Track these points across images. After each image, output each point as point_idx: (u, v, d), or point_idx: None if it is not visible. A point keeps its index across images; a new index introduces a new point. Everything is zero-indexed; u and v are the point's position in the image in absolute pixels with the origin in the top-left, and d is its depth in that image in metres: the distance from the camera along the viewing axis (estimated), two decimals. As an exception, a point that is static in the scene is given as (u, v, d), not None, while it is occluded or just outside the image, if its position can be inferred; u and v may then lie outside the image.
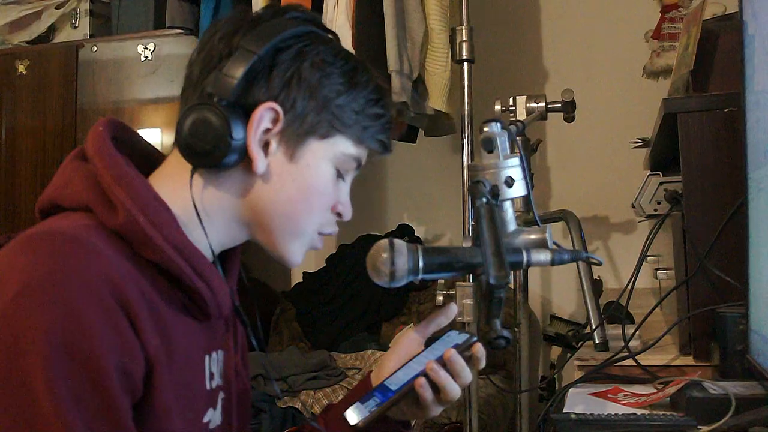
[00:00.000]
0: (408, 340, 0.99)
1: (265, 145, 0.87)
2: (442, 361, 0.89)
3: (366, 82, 0.91)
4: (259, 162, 0.85)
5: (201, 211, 0.86)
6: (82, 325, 0.71)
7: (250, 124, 0.84)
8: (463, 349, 0.90)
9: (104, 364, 0.71)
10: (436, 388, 0.89)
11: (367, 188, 2.99)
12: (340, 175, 0.92)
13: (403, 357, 0.96)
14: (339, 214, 0.94)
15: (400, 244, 0.85)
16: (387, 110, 0.93)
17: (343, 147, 0.90)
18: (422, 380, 0.88)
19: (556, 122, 1.93)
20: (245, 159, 0.85)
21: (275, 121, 0.86)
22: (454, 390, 0.89)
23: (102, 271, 0.73)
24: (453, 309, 0.98)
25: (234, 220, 0.89)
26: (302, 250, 0.92)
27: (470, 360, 0.90)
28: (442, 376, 0.88)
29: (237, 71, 0.82)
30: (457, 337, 0.93)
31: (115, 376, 0.72)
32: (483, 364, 0.92)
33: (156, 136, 2.61)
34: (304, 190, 0.88)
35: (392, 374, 0.92)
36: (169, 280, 0.81)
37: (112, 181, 0.80)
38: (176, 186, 0.86)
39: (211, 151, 0.82)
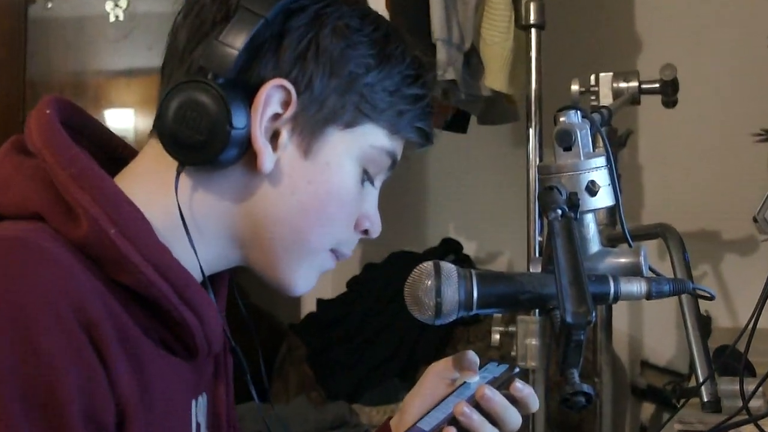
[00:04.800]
0: (436, 375, 0.99)
1: (274, 136, 0.87)
2: (476, 401, 0.89)
3: (401, 53, 0.91)
4: (266, 158, 0.86)
5: (189, 222, 0.86)
6: (43, 362, 0.71)
7: (254, 109, 0.84)
8: (500, 384, 0.90)
9: (70, 419, 0.71)
10: None
11: (402, 191, 2.98)
12: (368, 177, 0.92)
13: (430, 398, 0.97)
14: (365, 232, 0.95)
15: (448, 268, 0.86)
16: (428, 90, 0.94)
17: (374, 138, 0.90)
18: (451, 429, 0.88)
19: (652, 107, 1.92)
20: (247, 154, 0.86)
21: (286, 104, 0.86)
22: None
23: (62, 285, 0.73)
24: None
25: (226, 233, 0.90)
26: (312, 276, 0.93)
27: (512, 401, 0.90)
28: (476, 422, 0.89)
29: (238, 39, 0.82)
30: (495, 370, 0.94)
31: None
32: (535, 406, 0.92)
33: (128, 118, 2.64)
34: (320, 196, 0.89)
35: (415, 423, 0.93)
36: (145, 307, 0.82)
37: (71, 181, 0.80)
38: (155, 189, 0.86)
39: (204, 144, 0.82)
